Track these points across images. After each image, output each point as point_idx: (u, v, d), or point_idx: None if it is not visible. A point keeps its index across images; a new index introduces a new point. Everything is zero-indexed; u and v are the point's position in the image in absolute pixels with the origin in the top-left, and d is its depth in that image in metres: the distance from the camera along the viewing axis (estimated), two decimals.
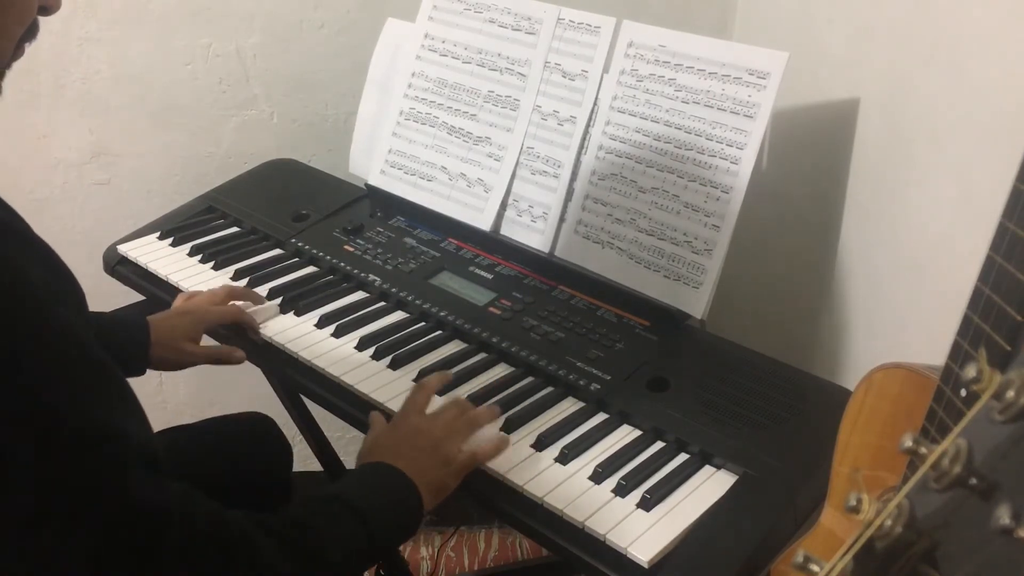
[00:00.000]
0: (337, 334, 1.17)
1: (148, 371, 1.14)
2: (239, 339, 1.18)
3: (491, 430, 0.98)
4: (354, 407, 1.06)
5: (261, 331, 1.18)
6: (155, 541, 0.66)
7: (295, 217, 1.42)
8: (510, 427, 0.99)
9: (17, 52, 0.75)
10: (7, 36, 0.73)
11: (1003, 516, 0.34)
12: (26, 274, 0.63)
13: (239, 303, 1.21)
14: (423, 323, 1.19)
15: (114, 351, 0.73)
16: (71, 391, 0.64)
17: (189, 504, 0.70)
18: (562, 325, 1.15)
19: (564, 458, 0.95)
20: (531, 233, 1.30)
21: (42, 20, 0.77)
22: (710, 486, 0.92)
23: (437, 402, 1.03)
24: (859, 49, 1.22)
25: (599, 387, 1.04)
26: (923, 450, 0.40)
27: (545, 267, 1.26)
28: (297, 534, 0.76)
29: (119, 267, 1.37)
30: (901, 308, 1.12)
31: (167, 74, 1.62)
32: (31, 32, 0.76)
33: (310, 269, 1.32)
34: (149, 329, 1.12)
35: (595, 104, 1.25)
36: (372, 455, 0.91)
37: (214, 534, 0.71)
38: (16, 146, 1.64)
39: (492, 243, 1.32)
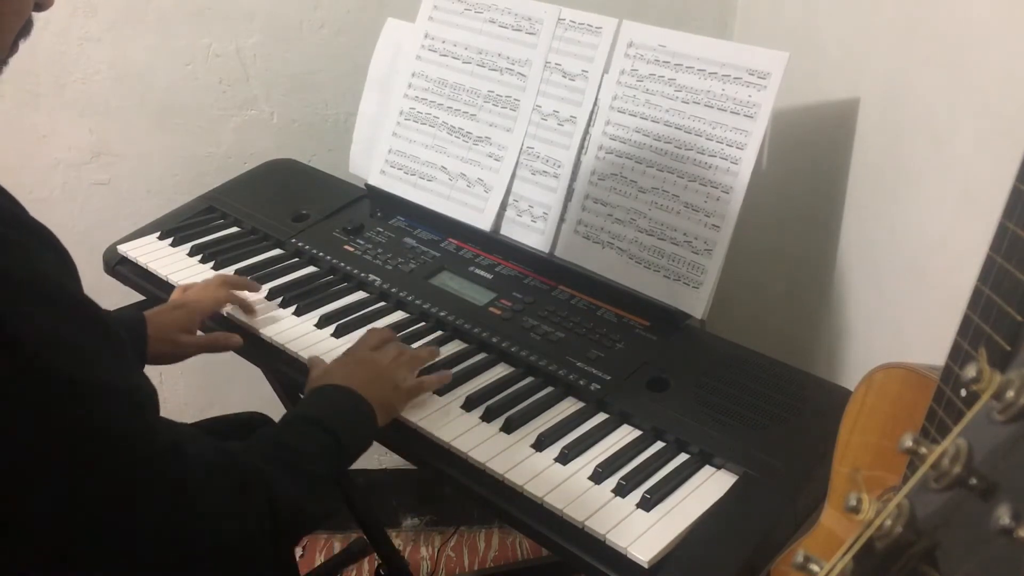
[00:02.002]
0: (337, 334, 1.17)
1: (148, 371, 1.14)
2: (237, 332, 1.18)
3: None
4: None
5: (260, 331, 1.18)
6: (182, 475, 0.72)
7: (295, 217, 1.42)
8: (510, 427, 0.99)
9: (12, 49, 0.75)
10: (5, 30, 0.73)
11: (1003, 516, 0.34)
12: (41, 256, 0.67)
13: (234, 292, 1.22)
14: (423, 323, 1.19)
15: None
16: (100, 353, 0.69)
17: (200, 439, 0.76)
18: (562, 325, 1.15)
19: (564, 458, 0.95)
20: (531, 233, 1.30)
21: (43, 20, 0.77)
22: (710, 486, 0.92)
23: (437, 401, 1.03)
24: (859, 49, 1.22)
25: (599, 387, 1.04)
26: (923, 450, 0.40)
27: (545, 267, 1.26)
28: (288, 456, 0.83)
29: (119, 267, 1.37)
30: (901, 308, 1.12)
31: (167, 74, 1.62)
32: (26, 28, 0.76)
33: (310, 269, 1.32)
34: (146, 325, 1.12)
35: (595, 104, 1.25)
36: (324, 380, 0.98)
37: (229, 465, 0.77)
38: (16, 146, 1.64)
39: (492, 243, 1.32)
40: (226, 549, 0.74)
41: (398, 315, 1.21)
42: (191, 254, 1.35)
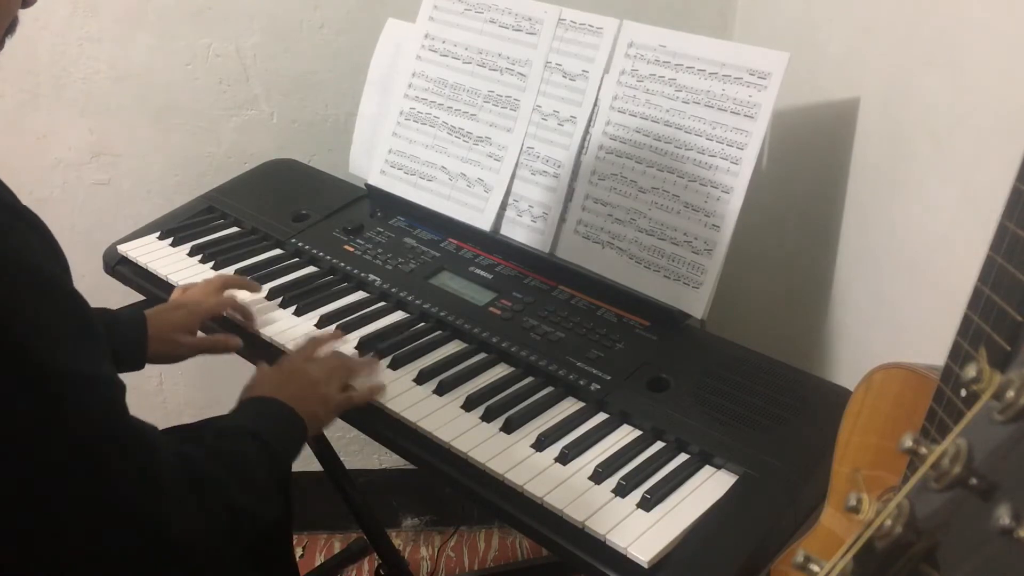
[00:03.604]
0: None
1: (148, 370, 1.14)
2: (237, 333, 1.18)
3: (375, 379, 1.07)
4: (353, 407, 1.06)
5: (260, 331, 1.18)
6: (147, 465, 0.73)
7: (295, 217, 1.42)
8: (510, 427, 0.99)
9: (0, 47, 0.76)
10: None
11: (1003, 516, 0.34)
12: (28, 241, 0.68)
13: (234, 293, 1.22)
14: (423, 323, 1.19)
15: (113, 346, 0.75)
16: (77, 342, 0.70)
17: (164, 441, 0.77)
18: (562, 325, 1.15)
19: (564, 458, 0.95)
20: (531, 233, 1.30)
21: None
22: (710, 486, 0.92)
23: (435, 401, 1.03)
24: (859, 49, 1.22)
25: (599, 387, 1.04)
26: (923, 450, 0.40)
27: (545, 267, 1.26)
28: (234, 462, 0.84)
29: (119, 267, 1.37)
30: (901, 308, 1.12)
31: (167, 74, 1.62)
32: (12, 26, 0.76)
33: (310, 269, 1.32)
34: (146, 324, 1.12)
35: (595, 104, 1.25)
36: (254, 391, 0.98)
37: (190, 465, 0.78)
38: (16, 146, 1.64)
39: (492, 243, 1.32)
40: (182, 544, 0.74)
41: (398, 315, 1.21)
42: (191, 254, 1.35)
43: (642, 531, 0.86)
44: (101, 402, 0.70)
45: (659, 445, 0.98)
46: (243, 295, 1.23)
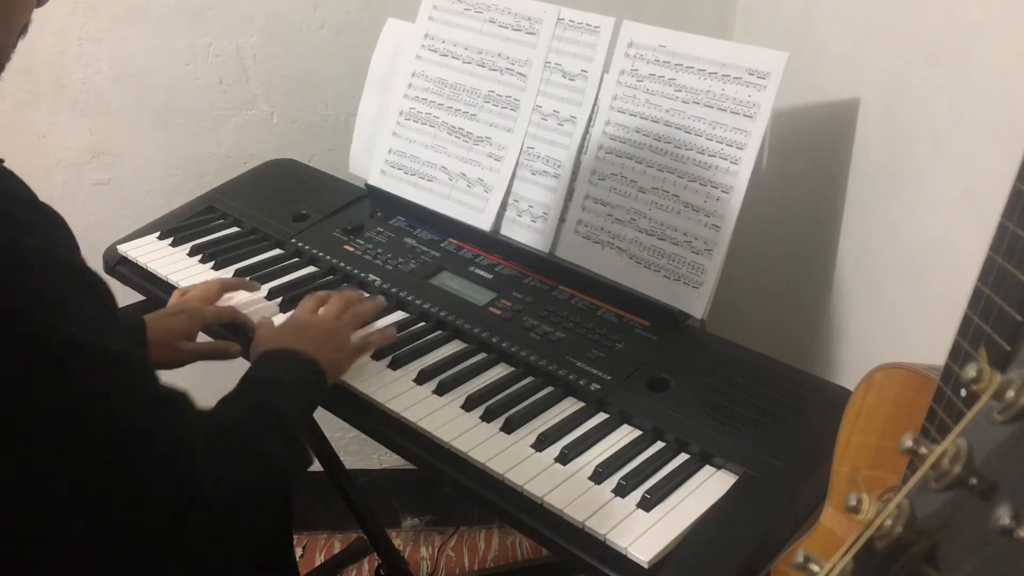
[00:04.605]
0: None
1: None
2: (237, 337, 1.18)
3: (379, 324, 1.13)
4: (354, 407, 1.06)
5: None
6: (184, 430, 0.75)
7: (295, 217, 1.42)
8: (510, 427, 0.99)
9: (14, 47, 0.76)
10: (12, 31, 0.75)
11: (1003, 516, 0.34)
12: (52, 234, 0.72)
13: (233, 296, 1.22)
14: (423, 323, 1.19)
15: None
16: (107, 324, 0.73)
17: (191, 401, 0.79)
18: (562, 325, 1.15)
19: (564, 458, 0.95)
20: (531, 233, 1.30)
21: (43, 20, 0.78)
22: (710, 486, 0.92)
23: (435, 401, 1.03)
24: (859, 49, 1.22)
25: (599, 387, 1.04)
26: (923, 450, 0.40)
27: (545, 267, 1.26)
28: (267, 417, 0.86)
29: (119, 267, 1.37)
30: (901, 308, 1.12)
31: (167, 74, 1.63)
32: (25, 27, 0.77)
33: (310, 269, 1.32)
34: (146, 329, 1.12)
35: (595, 104, 1.25)
36: (271, 345, 1.00)
37: (229, 426, 0.82)
38: (16, 146, 1.64)
39: (492, 243, 1.32)
40: (221, 502, 0.75)
41: (398, 315, 1.21)
42: (191, 254, 1.35)
43: (642, 531, 0.86)
44: (136, 375, 0.73)
45: (659, 445, 0.98)
46: (242, 295, 1.23)
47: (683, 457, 0.96)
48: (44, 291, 0.66)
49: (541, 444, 0.97)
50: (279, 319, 1.20)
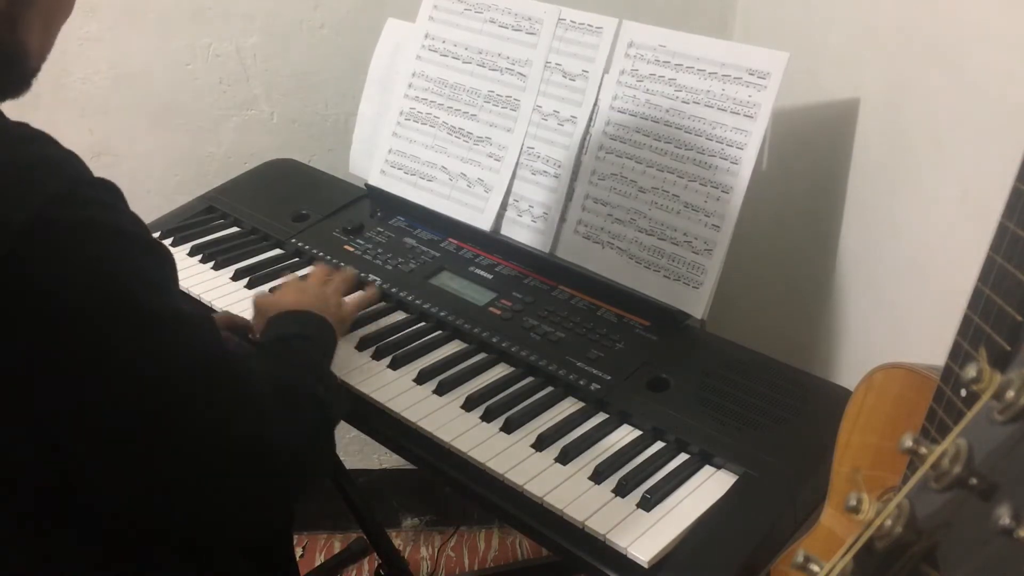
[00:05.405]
0: None
1: None
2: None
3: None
4: (354, 407, 1.06)
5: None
6: (250, 380, 0.78)
7: (295, 217, 1.42)
8: (510, 427, 0.99)
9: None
10: (51, 35, 0.81)
11: (1003, 516, 0.34)
12: (116, 207, 0.76)
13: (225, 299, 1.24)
14: (423, 323, 1.19)
15: None
16: (173, 288, 0.78)
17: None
18: (562, 325, 1.15)
19: (564, 458, 0.95)
20: (531, 233, 1.30)
21: None
22: (710, 486, 0.92)
23: (435, 401, 1.03)
24: (859, 49, 1.22)
25: (599, 387, 1.04)
26: (923, 450, 0.40)
27: (545, 267, 1.26)
28: (301, 360, 0.93)
29: None
30: (901, 308, 1.12)
31: (167, 74, 1.62)
32: None
33: (310, 269, 1.32)
34: None
35: (595, 104, 1.25)
36: (279, 308, 1.04)
37: (288, 382, 0.85)
38: None
39: (492, 243, 1.32)
40: (286, 452, 0.78)
41: (398, 315, 1.21)
42: (191, 254, 1.35)
43: (642, 531, 0.86)
44: (203, 333, 0.76)
45: (659, 445, 0.98)
46: (236, 297, 1.23)
47: (683, 457, 0.96)
48: (123, 260, 0.71)
49: (541, 444, 0.97)
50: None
